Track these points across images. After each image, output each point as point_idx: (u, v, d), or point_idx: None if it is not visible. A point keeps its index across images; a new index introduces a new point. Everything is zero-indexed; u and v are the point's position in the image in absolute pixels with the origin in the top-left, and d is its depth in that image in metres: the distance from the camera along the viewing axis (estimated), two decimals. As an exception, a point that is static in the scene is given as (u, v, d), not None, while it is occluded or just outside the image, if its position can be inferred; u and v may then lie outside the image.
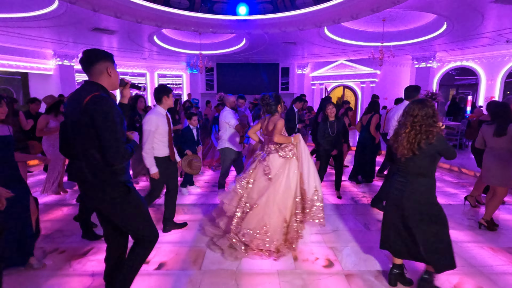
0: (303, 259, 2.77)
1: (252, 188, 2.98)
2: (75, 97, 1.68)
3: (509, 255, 2.85)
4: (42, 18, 7.99)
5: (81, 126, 1.62)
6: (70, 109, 1.69)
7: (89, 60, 1.70)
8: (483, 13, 7.72)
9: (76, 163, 1.71)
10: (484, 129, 3.40)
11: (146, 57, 13.73)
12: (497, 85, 12.53)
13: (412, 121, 2.11)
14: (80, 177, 1.71)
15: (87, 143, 1.64)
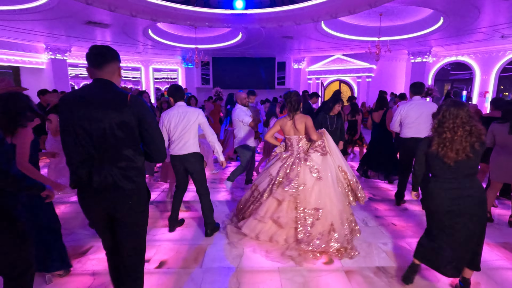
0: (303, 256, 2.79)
1: (304, 192, 2.83)
2: (103, 97, 1.53)
3: (504, 250, 2.91)
4: (34, 11, 7.80)
5: (123, 128, 1.52)
6: (101, 112, 1.51)
7: (107, 56, 1.59)
8: (480, 8, 7.74)
9: (103, 169, 1.55)
10: (496, 128, 3.29)
11: (140, 51, 13.55)
12: (491, 80, 12.65)
13: (461, 124, 1.97)
14: (111, 185, 1.56)
15: (126, 146, 1.56)
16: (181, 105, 3.02)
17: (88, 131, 1.51)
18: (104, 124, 1.50)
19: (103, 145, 1.53)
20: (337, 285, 2.38)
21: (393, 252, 2.86)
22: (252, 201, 3.21)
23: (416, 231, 3.29)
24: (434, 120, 2.10)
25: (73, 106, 1.53)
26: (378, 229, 3.35)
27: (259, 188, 3.16)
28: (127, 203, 1.61)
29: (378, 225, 3.46)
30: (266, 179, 3.13)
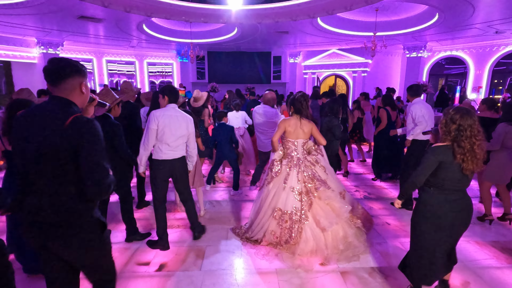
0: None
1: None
2: (43, 118, 1.35)
3: (494, 249, 3.01)
4: (24, 5, 7.63)
5: (57, 153, 1.33)
6: (37, 133, 1.34)
7: (62, 72, 1.39)
8: (474, 5, 7.78)
9: (31, 199, 1.39)
10: (509, 130, 3.28)
11: (134, 45, 13.37)
12: (485, 75, 12.78)
13: (477, 133, 1.89)
14: (40, 218, 1.37)
15: (60, 174, 1.36)
16: (175, 107, 2.87)
17: (23, 152, 1.37)
18: (31, 149, 1.34)
19: (33, 174, 1.37)
20: (333, 286, 2.45)
21: (387, 252, 2.95)
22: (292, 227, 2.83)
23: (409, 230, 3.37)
24: (446, 128, 1.93)
25: (19, 122, 1.41)
26: (373, 229, 3.44)
27: (286, 208, 2.84)
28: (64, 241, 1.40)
29: (373, 225, 3.54)
30: (289, 195, 2.87)
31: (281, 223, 2.86)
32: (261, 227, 3.00)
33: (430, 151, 1.98)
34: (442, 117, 1.99)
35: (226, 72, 15.85)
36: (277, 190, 2.95)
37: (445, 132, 1.94)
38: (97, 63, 14.36)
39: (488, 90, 12.88)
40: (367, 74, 15.01)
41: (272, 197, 2.96)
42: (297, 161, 2.97)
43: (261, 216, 3.02)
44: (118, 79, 15.75)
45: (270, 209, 2.94)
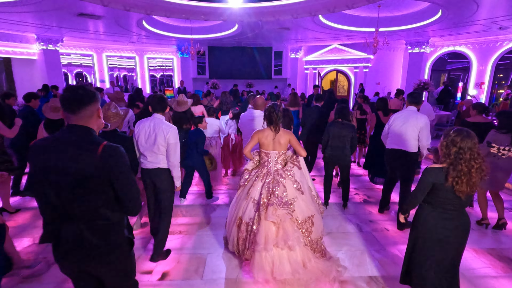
0: (300, 265, 2.91)
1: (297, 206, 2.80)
2: (73, 149, 1.39)
3: (490, 257, 3.06)
4: (24, 3, 7.57)
5: (93, 181, 1.39)
6: (70, 165, 1.37)
7: (83, 101, 1.42)
8: (478, 2, 7.67)
9: (69, 227, 1.43)
10: (500, 138, 3.31)
11: (134, 41, 13.28)
12: (488, 71, 12.68)
13: (476, 156, 1.91)
14: (79, 242, 1.43)
15: (96, 199, 1.42)
16: (157, 117, 2.85)
17: (55, 183, 1.39)
18: (74, 177, 1.38)
19: (69, 200, 1.40)
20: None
21: (385, 260, 2.99)
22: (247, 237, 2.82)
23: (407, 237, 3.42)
24: (446, 150, 1.96)
25: (41, 156, 1.40)
26: (371, 235, 3.48)
27: (244, 218, 2.82)
28: (107, 261, 1.50)
29: (372, 231, 3.59)
30: (249, 205, 2.82)
31: (240, 232, 2.85)
32: (230, 235, 3.00)
33: (425, 172, 2.04)
34: (442, 139, 2.01)
35: (226, 67, 15.78)
36: (241, 199, 2.94)
37: (445, 154, 1.97)
38: (97, 58, 14.30)
39: (491, 86, 12.79)
40: (369, 70, 14.90)
41: (236, 205, 2.96)
42: (266, 173, 2.87)
43: (230, 225, 3.00)
44: (118, 73, 15.71)
45: (234, 216, 2.94)
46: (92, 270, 1.52)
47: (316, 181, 5.37)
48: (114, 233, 1.51)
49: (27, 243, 3.27)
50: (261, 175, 2.88)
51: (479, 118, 4.00)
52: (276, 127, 2.82)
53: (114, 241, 1.51)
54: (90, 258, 1.47)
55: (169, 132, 2.76)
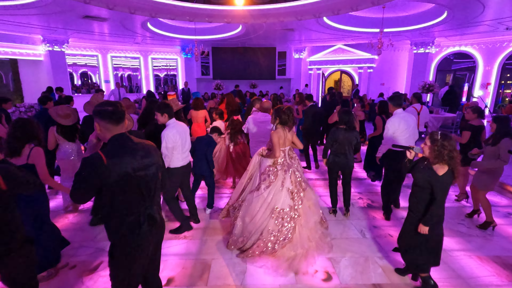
0: (303, 271, 2.93)
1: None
2: (142, 151, 1.77)
3: (495, 265, 3.04)
4: (30, 6, 7.66)
5: (157, 172, 1.85)
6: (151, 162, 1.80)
7: (124, 113, 1.77)
8: (484, 3, 7.61)
9: (151, 209, 1.83)
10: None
11: (139, 42, 13.36)
12: (494, 71, 12.55)
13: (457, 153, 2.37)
14: (156, 220, 1.86)
15: (158, 185, 1.89)
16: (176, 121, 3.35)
17: (145, 178, 1.76)
18: (154, 170, 1.82)
19: (153, 188, 1.83)
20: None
21: (389, 268, 3.00)
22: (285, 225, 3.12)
23: (411, 243, 3.42)
24: (438, 153, 2.32)
25: (126, 160, 1.68)
26: (375, 241, 3.49)
27: (283, 207, 3.10)
28: (161, 233, 1.99)
29: (375, 237, 3.59)
30: (285, 195, 3.14)
31: (279, 221, 3.10)
32: (256, 229, 3.12)
33: (445, 178, 2.34)
34: (430, 143, 2.35)
35: (230, 68, 15.81)
36: (275, 192, 3.16)
37: (437, 156, 2.33)
38: (102, 59, 14.41)
39: (497, 87, 12.67)
40: (373, 70, 14.84)
41: (271, 199, 3.16)
42: (287, 166, 3.24)
43: (258, 218, 3.14)
44: (122, 72, 15.83)
45: (269, 210, 3.13)
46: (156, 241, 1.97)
47: (320, 184, 5.38)
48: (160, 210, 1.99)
49: (35, 247, 3.33)
50: (285, 169, 3.22)
51: (476, 122, 4.21)
52: (289, 127, 3.25)
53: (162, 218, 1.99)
54: (159, 233, 1.96)
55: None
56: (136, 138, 1.83)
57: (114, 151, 1.68)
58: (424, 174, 2.43)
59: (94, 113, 1.71)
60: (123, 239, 1.74)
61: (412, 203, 2.59)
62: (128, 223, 1.73)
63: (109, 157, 1.63)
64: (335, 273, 2.92)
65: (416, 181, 2.53)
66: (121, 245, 1.75)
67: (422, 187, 2.45)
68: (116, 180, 1.63)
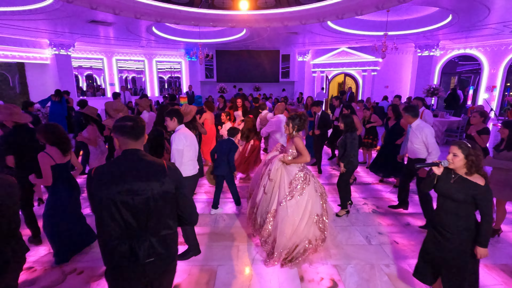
0: (309, 279, 2.94)
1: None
2: (140, 172, 1.55)
3: (503, 273, 3.02)
4: (37, 12, 7.78)
5: (165, 197, 1.59)
6: (136, 187, 1.52)
7: (144, 129, 1.69)
8: (489, 7, 7.58)
9: (145, 241, 1.55)
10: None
11: (144, 45, 13.48)
12: (500, 74, 12.47)
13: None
14: (150, 255, 1.57)
15: (166, 214, 1.61)
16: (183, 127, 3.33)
17: (131, 204, 1.51)
18: (147, 195, 1.53)
19: (145, 217, 1.54)
20: (341, 312, 2.52)
21: (395, 276, 2.99)
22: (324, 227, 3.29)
23: (417, 251, 3.38)
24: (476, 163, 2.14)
25: (110, 181, 1.50)
26: (381, 248, 3.48)
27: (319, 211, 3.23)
28: (169, 271, 1.72)
29: (381, 244, 3.58)
30: (319, 200, 3.24)
31: (320, 226, 3.19)
32: (301, 239, 3.11)
33: (491, 191, 2.16)
34: (465, 156, 2.15)
35: (234, 71, 15.87)
36: (312, 198, 3.18)
37: (472, 167, 2.14)
38: (107, 62, 14.55)
39: (502, 89, 12.57)
40: (377, 73, 14.81)
41: (311, 206, 3.17)
42: (309, 171, 3.32)
43: (301, 229, 3.10)
44: (127, 75, 15.96)
45: (311, 217, 3.16)
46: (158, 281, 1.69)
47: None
48: (175, 243, 1.73)
49: (43, 252, 3.37)
50: (311, 174, 3.30)
51: (482, 125, 4.23)
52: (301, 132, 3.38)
53: (175, 251, 1.74)
54: (161, 269, 1.66)
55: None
56: (151, 156, 1.66)
57: (108, 167, 1.56)
58: (463, 187, 2.16)
59: (113, 128, 1.64)
60: (107, 268, 1.60)
61: (448, 220, 2.24)
62: (106, 252, 1.54)
63: (97, 172, 1.53)
64: (340, 280, 2.92)
65: (452, 196, 2.21)
66: (106, 273, 1.62)
67: (463, 202, 2.16)
68: (99, 199, 1.48)
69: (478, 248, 2.14)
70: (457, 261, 2.22)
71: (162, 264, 1.65)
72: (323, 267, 3.11)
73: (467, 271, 2.22)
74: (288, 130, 3.31)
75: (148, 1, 6.48)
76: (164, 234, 1.62)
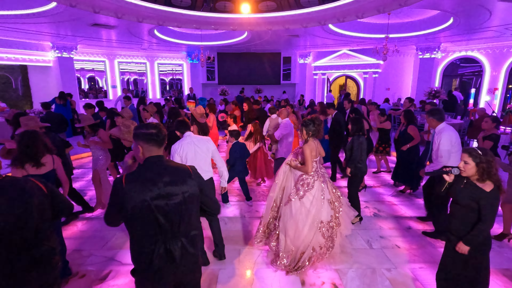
0: (310, 283, 2.94)
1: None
2: (170, 177, 1.62)
3: (505, 279, 3.01)
4: (41, 15, 7.84)
5: (193, 199, 1.69)
6: (168, 191, 1.59)
7: (165, 138, 1.73)
8: (491, 10, 7.58)
9: (177, 242, 1.62)
10: None
11: (146, 47, 13.54)
12: (501, 76, 12.44)
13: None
14: (183, 256, 1.64)
15: (194, 215, 1.72)
16: (190, 135, 3.11)
17: (165, 208, 1.57)
18: (180, 199, 1.62)
19: (178, 219, 1.61)
20: (342, 317, 2.52)
21: (397, 280, 2.99)
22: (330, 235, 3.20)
23: (418, 255, 3.41)
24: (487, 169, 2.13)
25: (144, 188, 1.55)
26: (382, 252, 3.47)
27: (326, 219, 3.16)
28: (196, 269, 1.77)
29: (382, 248, 3.57)
30: (327, 206, 3.16)
31: (326, 234, 3.14)
32: (306, 245, 3.07)
33: (498, 197, 2.14)
34: (476, 163, 2.14)
35: (235, 73, 15.91)
36: (318, 204, 3.10)
37: (483, 174, 2.13)
38: (109, 64, 14.62)
39: (504, 92, 12.55)
40: (379, 75, 14.81)
41: (315, 211, 3.10)
42: (323, 176, 3.24)
43: (305, 234, 3.07)
44: (128, 77, 16.03)
45: (315, 224, 3.08)
46: (183, 280, 1.73)
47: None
48: (200, 242, 1.86)
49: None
50: (323, 179, 3.22)
51: (494, 130, 4.17)
52: (316, 138, 3.27)
53: (201, 248, 1.84)
54: (189, 269, 1.71)
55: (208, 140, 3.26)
56: (173, 161, 1.74)
57: (138, 174, 1.61)
58: (469, 192, 2.17)
59: (137, 136, 1.67)
60: (138, 272, 1.64)
61: (455, 225, 2.25)
62: (143, 256, 1.59)
63: (129, 181, 1.56)
64: (342, 285, 2.92)
65: (458, 201, 2.23)
66: (136, 278, 1.66)
67: (467, 206, 2.17)
68: (132, 207, 1.52)
69: (461, 243, 2.19)
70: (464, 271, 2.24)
71: (192, 264, 1.71)
72: (324, 271, 3.11)
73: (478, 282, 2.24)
74: (303, 136, 3.22)
75: (150, 4, 6.53)
76: (193, 234, 1.70)
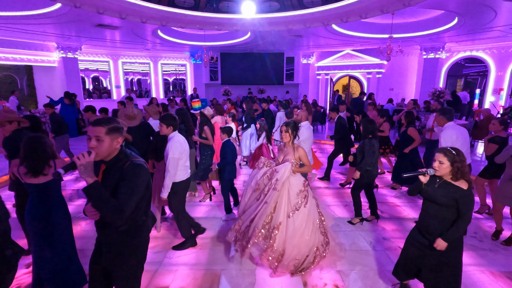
0: (312, 285, 2.94)
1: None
2: None
3: (509, 281, 2.99)
4: (46, 16, 7.91)
5: None
6: None
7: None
8: (496, 9, 7.52)
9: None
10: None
11: (149, 48, 13.60)
12: (507, 76, 12.33)
13: None
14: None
15: None
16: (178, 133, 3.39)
17: None
18: None
19: None
20: (344, 319, 2.52)
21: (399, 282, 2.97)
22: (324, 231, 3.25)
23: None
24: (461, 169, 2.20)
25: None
26: (385, 254, 3.46)
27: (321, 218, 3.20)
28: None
29: (385, 249, 3.56)
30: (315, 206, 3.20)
31: (321, 230, 3.12)
32: (310, 248, 3.02)
33: (472, 194, 2.22)
34: (450, 163, 2.19)
35: (238, 73, 15.93)
36: (312, 205, 3.12)
37: (457, 173, 2.19)
38: (113, 64, 14.71)
39: (510, 92, 12.43)
40: (382, 75, 14.74)
41: (312, 213, 3.10)
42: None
43: (308, 238, 3.02)
44: (132, 77, 16.12)
45: (314, 225, 3.07)
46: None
47: (329, 193, 5.37)
48: None
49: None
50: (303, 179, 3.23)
51: (503, 133, 4.16)
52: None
53: None
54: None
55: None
56: None
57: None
58: (446, 191, 2.21)
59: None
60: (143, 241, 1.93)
61: (433, 225, 2.29)
62: (146, 226, 1.94)
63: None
64: (344, 286, 2.91)
65: (435, 200, 2.26)
66: (141, 248, 1.92)
67: (446, 205, 2.21)
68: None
69: (439, 239, 2.21)
70: (441, 268, 2.32)
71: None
72: (326, 272, 3.11)
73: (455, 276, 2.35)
74: (286, 138, 3.16)
75: (154, 5, 6.56)
76: None
